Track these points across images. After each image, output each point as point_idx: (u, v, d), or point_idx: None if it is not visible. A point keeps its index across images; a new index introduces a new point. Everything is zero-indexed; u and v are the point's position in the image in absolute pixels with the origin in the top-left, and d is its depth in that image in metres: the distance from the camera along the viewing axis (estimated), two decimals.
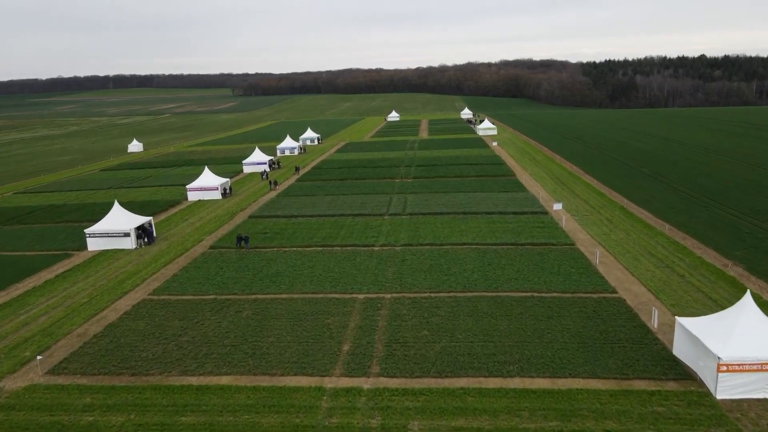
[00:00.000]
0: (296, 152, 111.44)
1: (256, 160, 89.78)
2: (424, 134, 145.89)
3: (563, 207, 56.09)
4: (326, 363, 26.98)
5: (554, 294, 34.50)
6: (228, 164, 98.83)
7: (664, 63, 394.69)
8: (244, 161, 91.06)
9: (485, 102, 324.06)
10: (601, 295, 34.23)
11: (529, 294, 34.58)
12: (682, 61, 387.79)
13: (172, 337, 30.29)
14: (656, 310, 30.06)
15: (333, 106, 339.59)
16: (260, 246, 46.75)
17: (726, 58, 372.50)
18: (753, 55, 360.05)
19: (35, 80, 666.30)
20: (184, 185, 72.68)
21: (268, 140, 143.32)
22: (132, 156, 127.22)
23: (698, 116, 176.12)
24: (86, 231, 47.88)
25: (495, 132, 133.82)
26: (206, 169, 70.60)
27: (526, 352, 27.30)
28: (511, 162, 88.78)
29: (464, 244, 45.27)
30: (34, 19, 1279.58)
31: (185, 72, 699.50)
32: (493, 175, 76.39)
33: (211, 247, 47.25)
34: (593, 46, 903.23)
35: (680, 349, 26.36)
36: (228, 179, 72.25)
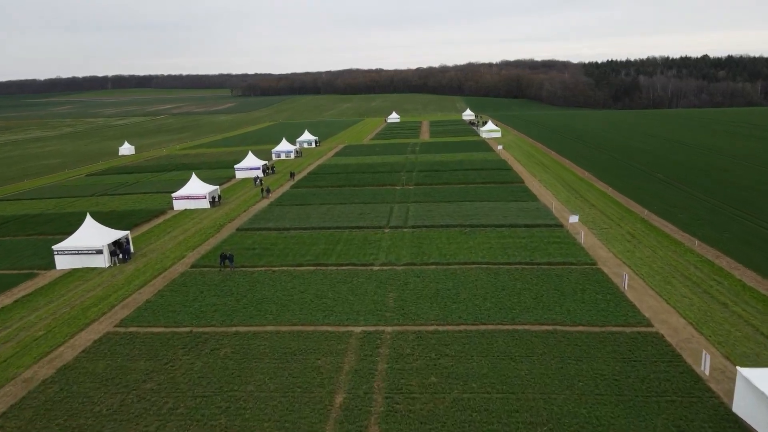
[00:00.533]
0: (292, 156, 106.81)
1: (249, 165, 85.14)
2: (425, 136, 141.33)
3: (579, 219, 51.46)
4: (314, 422, 22.38)
5: (580, 328, 29.88)
6: (220, 169, 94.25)
7: (667, 63, 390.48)
8: (236, 166, 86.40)
9: (487, 102, 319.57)
10: (635, 329, 29.63)
11: (551, 327, 29.97)
12: (685, 62, 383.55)
13: (134, 384, 25.66)
14: (707, 355, 25.41)
15: (332, 106, 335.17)
16: (247, 265, 42.10)
17: (730, 58, 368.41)
18: (756, 55, 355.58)
19: (33, 81, 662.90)
20: (172, 192, 67.93)
21: (264, 143, 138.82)
22: (122, 159, 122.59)
23: (706, 117, 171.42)
24: (54, 248, 43.24)
25: (499, 134, 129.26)
26: (193, 176, 65.97)
27: (555, 407, 22.69)
28: (518, 167, 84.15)
29: (473, 263, 40.64)
30: (33, 19, 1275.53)
31: (184, 72, 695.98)
32: (500, 181, 71.75)
33: (193, 266, 42.61)
34: (593, 46, 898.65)
35: (743, 408, 21.75)
36: (217, 187, 67.53)
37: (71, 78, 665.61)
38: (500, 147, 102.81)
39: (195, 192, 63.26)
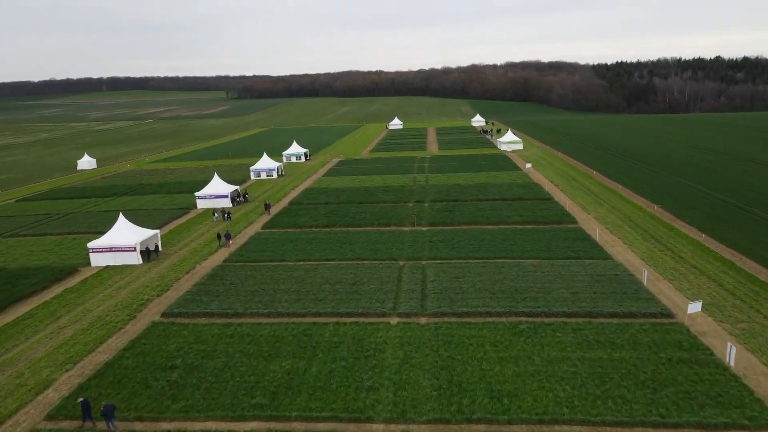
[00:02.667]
0: (275, 175, 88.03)
1: (214, 191, 66.34)
2: (433, 147, 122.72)
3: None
4: None
5: None
6: (182, 194, 75.51)
7: (680, 65, 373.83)
8: (197, 194, 67.40)
9: (493, 106, 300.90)
10: None
11: None
12: (699, 63, 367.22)
13: None
14: None
15: (330, 110, 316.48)
16: (146, 416, 23.44)
17: (746, 59, 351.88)
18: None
19: (27, 82, 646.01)
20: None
21: (248, 154, 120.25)
22: (76, 176, 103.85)
23: (751, 124, 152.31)
24: None
25: (521, 146, 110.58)
26: (121, 216, 47.11)
27: None
28: (559, 195, 65.41)
29: (555, 421, 22.09)
30: (29, 20, 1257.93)
31: (181, 74, 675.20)
32: (544, 221, 53.05)
33: (50, 417, 24.01)
34: (594, 48, 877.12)
35: None
36: (156, 232, 48.52)
37: (66, 80, 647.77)
38: (529, 165, 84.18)
39: (121, 241, 44.61)
